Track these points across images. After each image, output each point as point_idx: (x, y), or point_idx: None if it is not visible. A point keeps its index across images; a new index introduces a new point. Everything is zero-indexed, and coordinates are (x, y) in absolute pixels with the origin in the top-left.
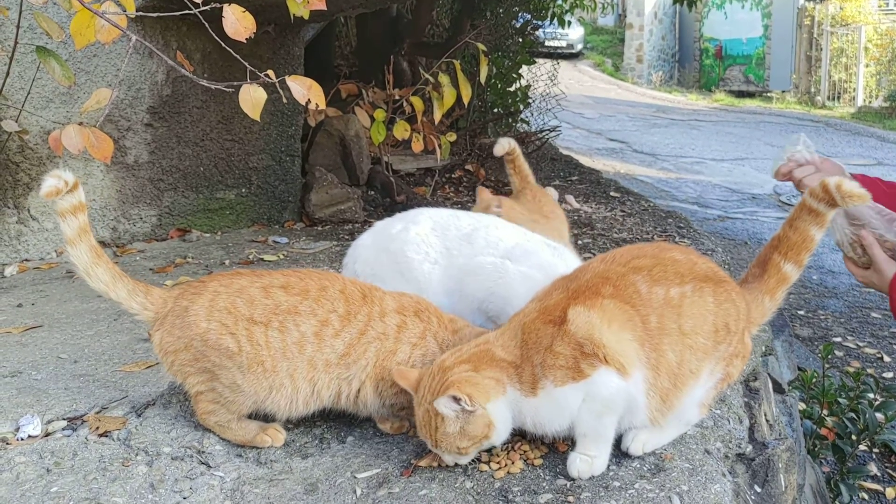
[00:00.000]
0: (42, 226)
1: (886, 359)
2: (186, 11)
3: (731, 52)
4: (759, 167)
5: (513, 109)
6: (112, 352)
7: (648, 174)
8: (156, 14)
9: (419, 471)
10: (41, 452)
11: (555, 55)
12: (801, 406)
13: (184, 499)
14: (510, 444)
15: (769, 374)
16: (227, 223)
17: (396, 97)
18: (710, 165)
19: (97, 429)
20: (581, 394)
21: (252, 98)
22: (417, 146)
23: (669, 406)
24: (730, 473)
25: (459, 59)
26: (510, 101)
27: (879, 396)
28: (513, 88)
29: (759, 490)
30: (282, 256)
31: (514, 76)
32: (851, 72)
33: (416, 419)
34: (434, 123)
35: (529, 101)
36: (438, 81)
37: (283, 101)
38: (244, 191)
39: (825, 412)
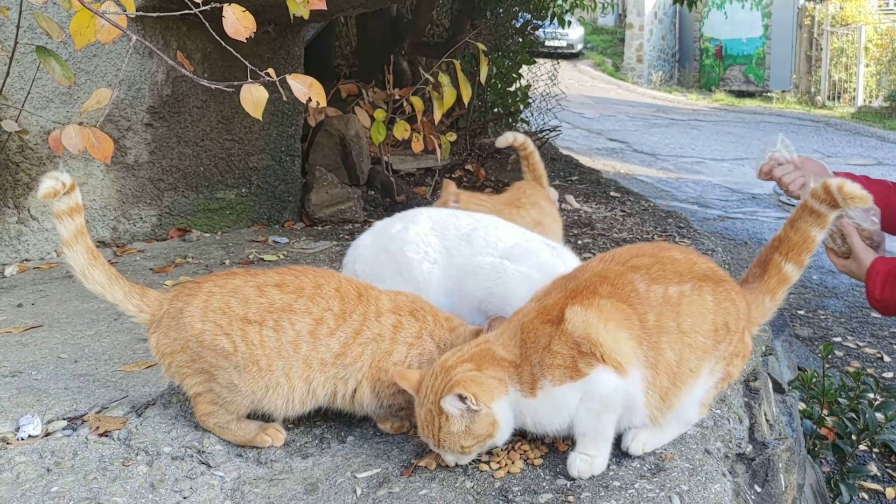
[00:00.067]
0: (42, 226)
1: (886, 359)
2: (186, 11)
3: (731, 52)
4: None
5: (513, 109)
6: (112, 351)
7: (648, 174)
8: (156, 14)
9: (419, 470)
10: (41, 452)
11: (555, 55)
12: (801, 406)
13: (184, 498)
14: (510, 444)
15: (769, 374)
16: (228, 223)
17: (396, 97)
18: (711, 165)
19: (97, 428)
20: (579, 393)
21: (254, 97)
22: (417, 146)
23: (669, 405)
24: (730, 473)
25: (459, 59)
26: (510, 101)
27: (879, 396)
28: (513, 88)
29: (759, 490)
30: (282, 256)
31: (515, 76)
32: (851, 72)
33: (418, 419)
34: (434, 123)
35: (529, 101)
36: (438, 81)
37: (284, 100)
38: (244, 191)
39: (825, 412)
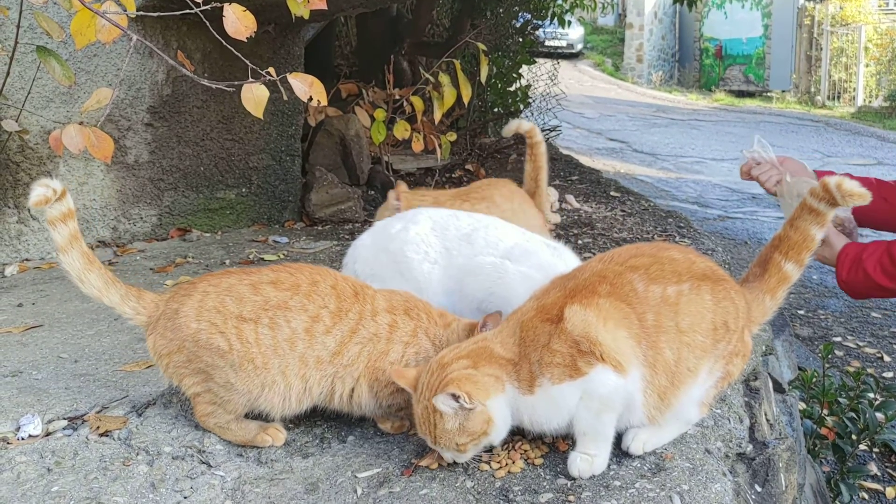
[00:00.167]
0: (42, 226)
1: (886, 358)
2: (187, 11)
3: (731, 52)
4: None
5: (513, 109)
6: (112, 351)
7: (648, 174)
8: (156, 14)
9: (420, 470)
10: (42, 452)
11: (555, 55)
12: (802, 406)
13: (184, 498)
14: (511, 444)
15: (769, 374)
16: (228, 223)
17: (396, 97)
18: (710, 165)
19: (98, 428)
20: (578, 391)
21: (255, 96)
22: (417, 146)
23: (667, 404)
24: (730, 473)
25: (459, 59)
26: (510, 101)
27: (879, 396)
28: (513, 88)
29: (760, 489)
30: (282, 256)
31: (515, 76)
32: (851, 71)
33: (415, 416)
34: (434, 123)
35: (529, 101)
36: (438, 81)
37: (284, 100)
38: (244, 190)
39: (825, 412)
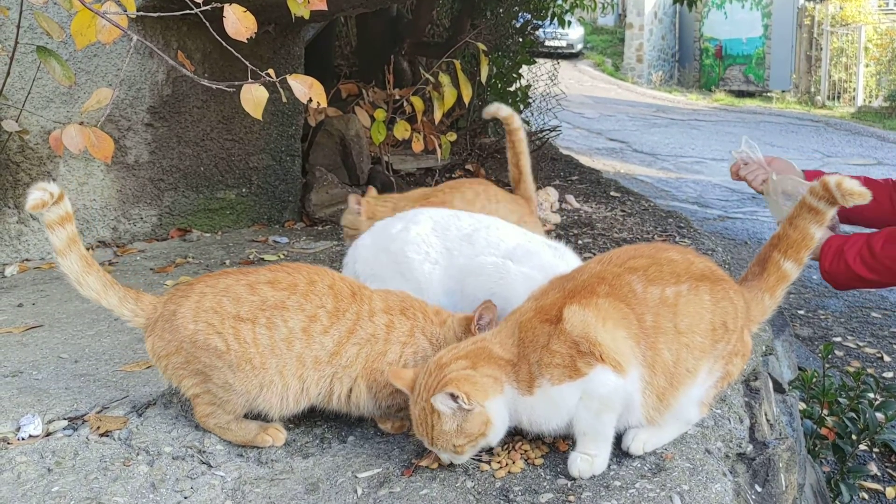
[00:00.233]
0: (42, 226)
1: (886, 358)
2: (187, 11)
3: (731, 52)
4: None
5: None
6: (113, 351)
7: (648, 174)
8: (156, 14)
9: (420, 470)
10: (42, 452)
11: (555, 55)
12: (802, 406)
13: (185, 498)
14: (511, 444)
15: (770, 374)
16: (228, 223)
17: (397, 97)
18: (710, 165)
19: (98, 428)
20: (578, 392)
21: (254, 97)
22: (418, 146)
23: (666, 405)
24: (730, 473)
25: (460, 59)
26: (510, 101)
27: (879, 396)
28: (513, 88)
29: (760, 489)
30: (282, 256)
31: (515, 76)
32: (851, 72)
33: (413, 417)
34: (434, 123)
35: (529, 101)
36: (439, 81)
37: (284, 101)
38: (244, 191)
39: (825, 412)
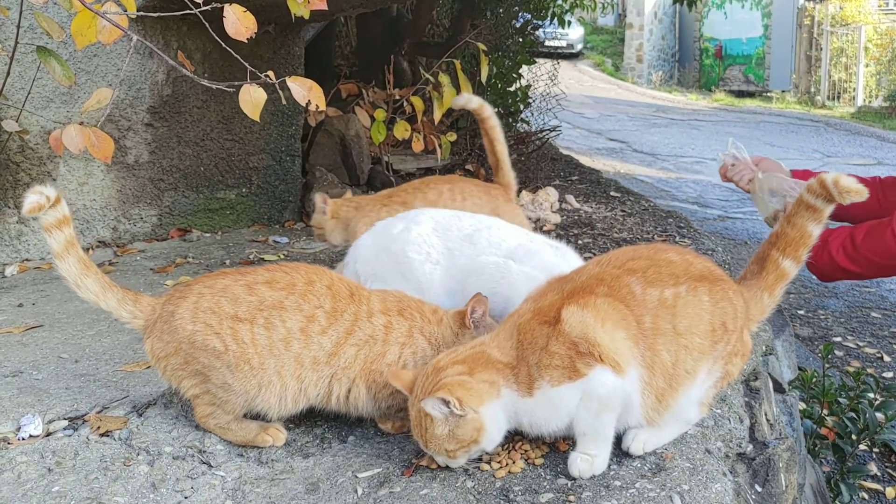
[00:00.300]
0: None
1: (886, 358)
2: (187, 11)
3: (731, 52)
4: None
5: (513, 109)
6: (113, 351)
7: (648, 174)
8: (156, 14)
9: (420, 470)
10: (42, 452)
11: (555, 55)
12: (802, 406)
13: (185, 498)
14: (511, 444)
15: (770, 374)
16: (228, 223)
17: (397, 97)
18: (711, 165)
19: (98, 428)
20: (578, 393)
21: (252, 98)
22: (418, 146)
23: (666, 406)
24: (730, 473)
25: (459, 59)
26: (510, 101)
27: (879, 396)
28: (513, 88)
29: (760, 489)
30: (282, 256)
31: (515, 76)
32: (851, 72)
33: (410, 418)
34: (434, 123)
35: (529, 101)
36: (439, 81)
37: (283, 103)
38: (244, 191)
39: (825, 412)
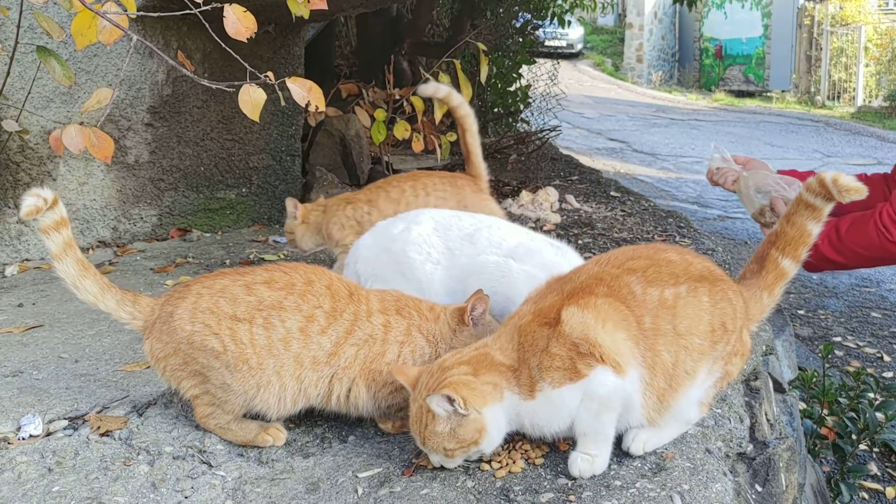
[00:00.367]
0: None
1: (886, 358)
2: (187, 11)
3: (731, 52)
4: None
5: (513, 109)
6: (113, 351)
7: (648, 174)
8: (156, 14)
9: (421, 470)
10: (42, 452)
11: (555, 55)
12: (802, 405)
13: (185, 498)
14: (511, 443)
15: (770, 374)
16: (228, 223)
17: (397, 97)
18: None
19: (98, 428)
20: (579, 394)
21: (252, 99)
22: (418, 146)
23: (666, 406)
24: (731, 472)
25: (459, 59)
26: (510, 101)
27: (879, 396)
28: (513, 88)
29: (760, 489)
30: (282, 256)
31: (515, 76)
32: (851, 71)
33: (410, 415)
34: (434, 123)
35: (529, 101)
36: (439, 81)
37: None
38: (244, 190)
39: (825, 412)
